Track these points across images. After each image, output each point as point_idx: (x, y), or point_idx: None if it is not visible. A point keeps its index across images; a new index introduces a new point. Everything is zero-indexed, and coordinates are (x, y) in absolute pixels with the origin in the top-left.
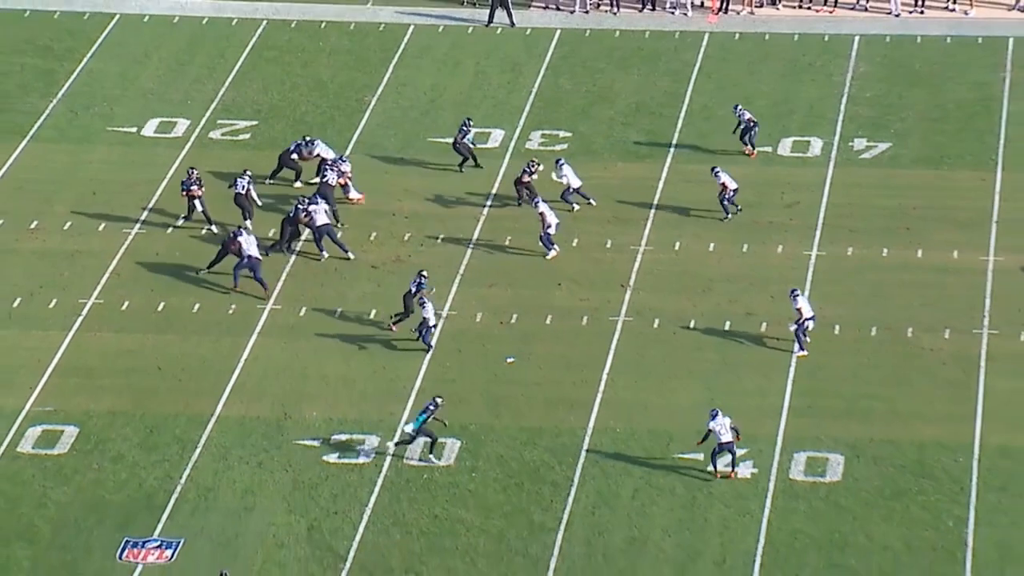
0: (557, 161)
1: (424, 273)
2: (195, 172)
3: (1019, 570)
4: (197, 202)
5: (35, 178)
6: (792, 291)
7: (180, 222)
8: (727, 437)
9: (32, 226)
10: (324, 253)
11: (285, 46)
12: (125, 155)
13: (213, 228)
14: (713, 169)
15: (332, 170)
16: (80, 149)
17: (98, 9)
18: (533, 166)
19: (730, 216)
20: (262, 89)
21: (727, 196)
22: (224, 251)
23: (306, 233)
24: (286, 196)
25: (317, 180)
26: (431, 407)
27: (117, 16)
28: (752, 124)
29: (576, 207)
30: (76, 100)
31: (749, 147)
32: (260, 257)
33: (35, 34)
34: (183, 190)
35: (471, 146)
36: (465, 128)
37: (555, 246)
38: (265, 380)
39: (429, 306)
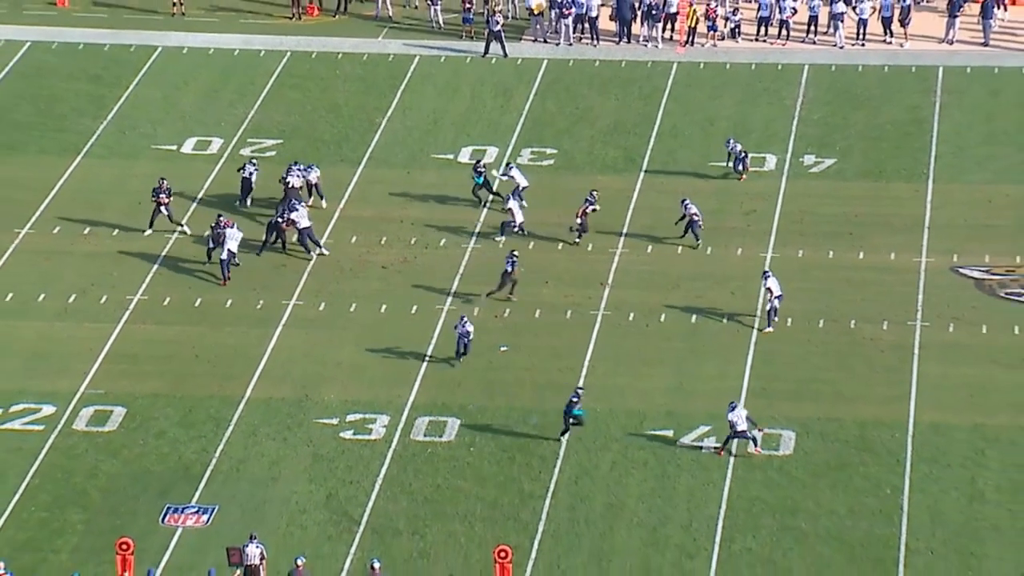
0: (507, 164)
1: (515, 253)
2: (165, 182)
3: (948, 531)
4: (163, 208)
5: (87, 190)
6: (764, 272)
7: (148, 232)
8: (742, 426)
9: (85, 232)
10: (313, 253)
11: (306, 74)
12: (166, 170)
13: (186, 230)
14: (683, 201)
15: (294, 174)
16: (127, 164)
17: (143, 42)
18: (593, 197)
19: (700, 242)
20: (286, 112)
21: (696, 223)
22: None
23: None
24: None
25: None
26: (575, 399)
27: (159, 48)
28: (743, 154)
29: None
30: (123, 121)
31: (742, 173)
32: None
33: (88, 64)
34: (153, 197)
35: (488, 182)
36: (481, 171)
37: (502, 236)
38: (288, 366)
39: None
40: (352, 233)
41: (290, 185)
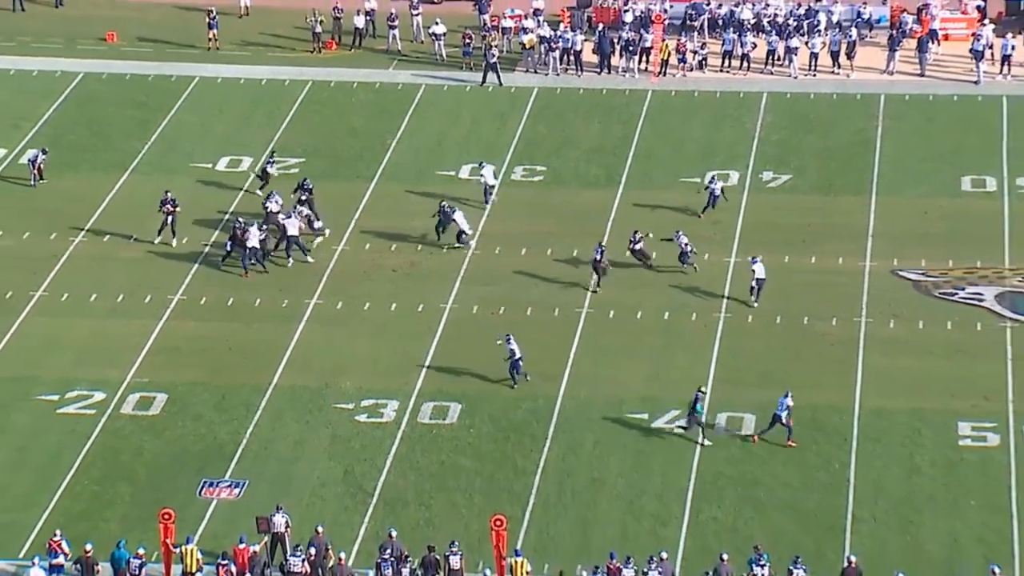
0: (480, 163)
1: (603, 243)
2: (169, 194)
3: (889, 502)
4: (170, 218)
5: (133, 202)
6: (752, 258)
7: (158, 239)
8: (784, 415)
9: (131, 240)
10: (292, 259)
11: (326, 100)
12: (203, 185)
13: (172, 244)
14: (676, 232)
15: (273, 200)
16: (168, 180)
17: (182, 73)
18: (636, 235)
19: (696, 268)
20: (308, 134)
21: (688, 252)
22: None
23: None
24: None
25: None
26: (699, 395)
27: (197, 78)
28: (719, 194)
29: (493, 189)
30: (165, 143)
31: (704, 211)
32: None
33: (134, 92)
34: (161, 207)
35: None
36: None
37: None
38: (310, 358)
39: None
40: (366, 241)
41: (269, 210)
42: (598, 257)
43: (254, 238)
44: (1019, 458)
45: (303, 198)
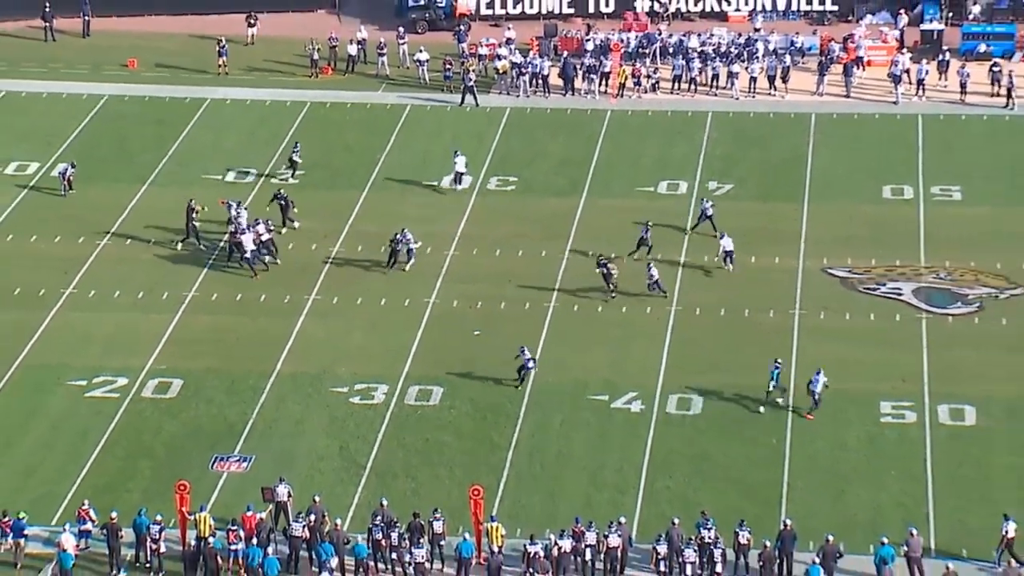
0: (455, 152)
1: (602, 257)
2: (192, 201)
3: (819, 473)
4: (194, 224)
5: (152, 210)
6: (720, 233)
7: (179, 246)
8: (819, 390)
9: (150, 243)
10: (257, 267)
11: (323, 119)
12: (213, 195)
13: (201, 245)
14: (648, 265)
15: (240, 214)
16: (182, 191)
17: (195, 95)
18: (602, 260)
19: (665, 294)
20: (307, 148)
21: (657, 282)
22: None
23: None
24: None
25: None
26: (778, 367)
27: (208, 100)
28: (706, 215)
29: (466, 183)
30: (180, 157)
31: (693, 228)
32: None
33: (153, 112)
34: (189, 213)
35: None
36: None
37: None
38: (309, 347)
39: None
40: (359, 244)
41: (236, 228)
42: (644, 233)
43: (249, 243)
44: (933, 433)
45: (281, 204)
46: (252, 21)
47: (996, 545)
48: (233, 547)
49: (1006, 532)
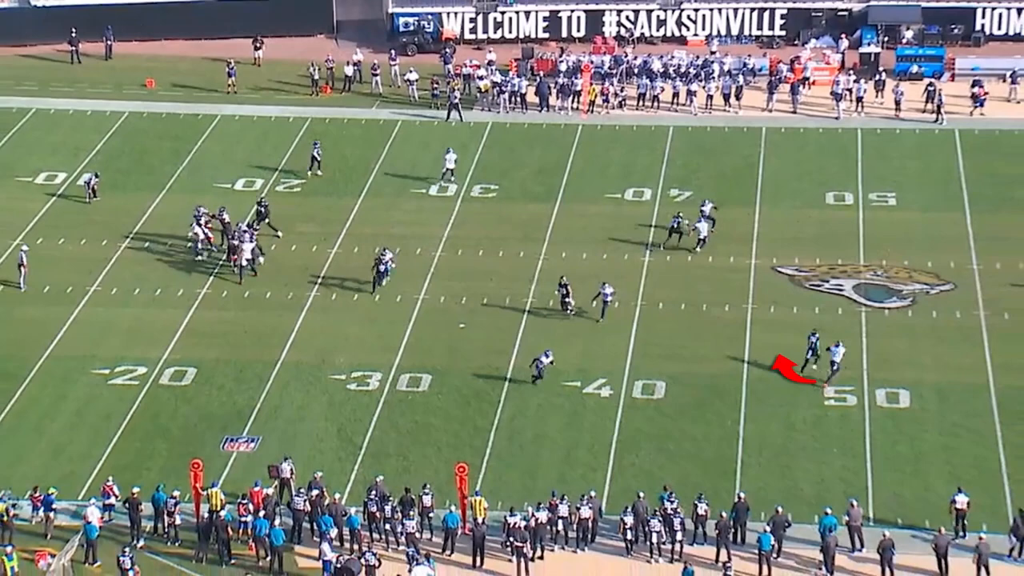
0: (448, 149)
1: (605, 284)
2: (202, 208)
3: (771, 451)
4: (206, 229)
5: (169, 216)
6: (698, 218)
7: (200, 250)
8: (839, 360)
9: (167, 245)
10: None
11: (323, 133)
12: (224, 201)
13: (212, 248)
14: (602, 284)
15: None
16: (195, 197)
17: (207, 112)
18: (563, 282)
19: (602, 319)
20: (308, 160)
21: (607, 302)
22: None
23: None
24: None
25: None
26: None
27: (219, 116)
28: (705, 215)
29: (451, 172)
30: (194, 167)
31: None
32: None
33: (169, 127)
34: (197, 222)
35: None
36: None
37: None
38: (310, 339)
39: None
40: (355, 245)
41: (226, 221)
42: (680, 223)
43: (247, 252)
44: (871, 415)
45: (260, 211)
46: (258, 45)
47: (950, 518)
48: (243, 519)
49: (955, 502)
